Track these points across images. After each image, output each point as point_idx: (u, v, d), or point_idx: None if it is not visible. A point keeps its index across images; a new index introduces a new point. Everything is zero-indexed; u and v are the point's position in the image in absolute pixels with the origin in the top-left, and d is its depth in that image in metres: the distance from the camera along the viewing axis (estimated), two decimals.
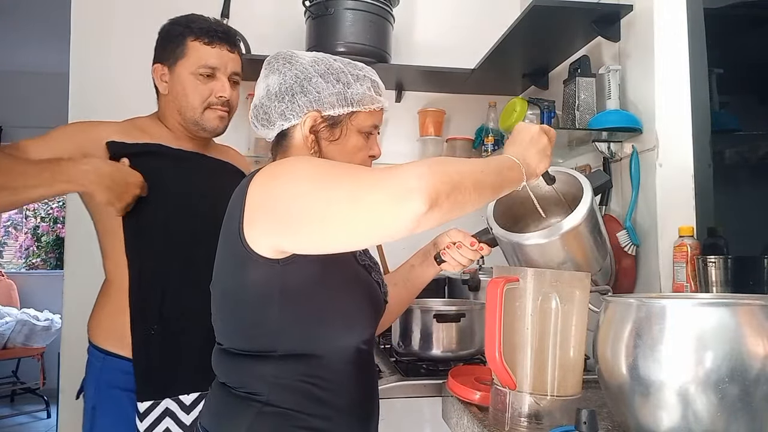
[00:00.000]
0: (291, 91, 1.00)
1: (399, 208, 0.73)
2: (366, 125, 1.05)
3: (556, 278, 0.93)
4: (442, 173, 0.75)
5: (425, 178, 0.73)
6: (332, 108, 1.01)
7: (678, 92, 1.50)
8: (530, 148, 0.96)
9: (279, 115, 1.02)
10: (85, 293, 1.34)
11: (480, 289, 1.69)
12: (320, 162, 0.88)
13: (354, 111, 1.03)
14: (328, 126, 1.02)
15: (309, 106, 1.00)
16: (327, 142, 1.02)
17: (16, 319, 4.35)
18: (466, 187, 0.78)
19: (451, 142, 2.31)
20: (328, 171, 0.83)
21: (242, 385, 0.92)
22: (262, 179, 0.88)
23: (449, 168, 0.78)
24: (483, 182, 0.83)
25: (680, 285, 1.33)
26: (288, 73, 1.02)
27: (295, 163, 0.86)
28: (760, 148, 1.91)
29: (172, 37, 1.32)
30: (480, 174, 0.83)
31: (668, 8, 1.52)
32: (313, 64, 1.02)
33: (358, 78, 1.03)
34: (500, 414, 0.94)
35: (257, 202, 0.86)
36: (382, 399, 1.34)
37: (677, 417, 0.73)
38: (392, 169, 0.76)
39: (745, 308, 0.74)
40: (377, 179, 0.76)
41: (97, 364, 1.27)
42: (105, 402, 1.25)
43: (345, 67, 1.03)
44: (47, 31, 3.96)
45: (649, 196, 1.50)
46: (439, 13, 2.43)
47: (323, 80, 1.01)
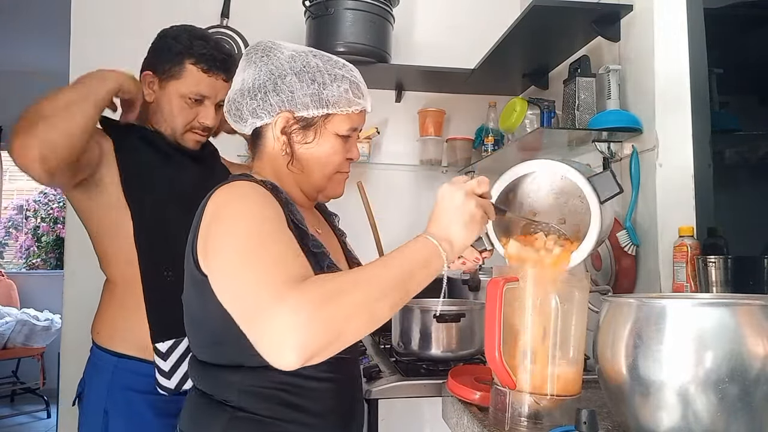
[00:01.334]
0: (264, 88, 0.96)
1: (273, 355, 0.71)
2: (342, 129, 0.99)
3: (556, 278, 0.93)
4: (324, 322, 0.70)
5: (301, 333, 0.69)
6: (306, 109, 0.96)
7: (678, 92, 1.50)
8: (453, 223, 0.86)
9: (250, 112, 0.98)
10: (85, 293, 1.35)
11: (480, 289, 1.69)
12: (251, 234, 0.82)
13: (329, 113, 0.97)
14: (301, 128, 0.97)
15: (281, 106, 0.96)
16: (300, 144, 0.98)
17: (16, 319, 4.35)
18: (357, 324, 0.74)
19: (451, 142, 2.31)
20: (251, 258, 0.79)
21: (214, 393, 0.91)
22: (211, 211, 0.88)
23: (338, 309, 0.72)
24: (386, 302, 0.77)
25: (680, 285, 1.33)
26: (263, 68, 0.97)
27: (235, 217, 0.84)
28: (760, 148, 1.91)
29: (171, 54, 1.30)
30: (383, 293, 0.77)
31: (668, 8, 1.52)
32: (290, 60, 0.97)
33: (335, 78, 0.97)
34: (500, 414, 0.94)
35: (204, 234, 0.87)
36: (382, 399, 1.35)
37: (677, 417, 0.73)
38: (279, 300, 0.71)
39: (745, 308, 0.74)
40: (270, 306, 0.72)
41: (108, 368, 1.25)
42: (119, 405, 1.23)
43: (324, 65, 0.98)
44: (47, 31, 3.95)
45: (649, 196, 1.50)
46: (440, 13, 2.43)
47: (297, 79, 0.96)
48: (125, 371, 1.24)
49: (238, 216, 0.85)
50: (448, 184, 0.89)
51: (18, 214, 5.56)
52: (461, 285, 1.76)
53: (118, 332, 1.26)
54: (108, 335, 1.27)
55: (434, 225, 0.87)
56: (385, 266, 0.81)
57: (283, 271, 0.77)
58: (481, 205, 0.88)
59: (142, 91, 1.31)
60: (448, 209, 0.87)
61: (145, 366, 1.23)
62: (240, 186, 0.91)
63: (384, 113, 2.38)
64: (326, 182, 1.03)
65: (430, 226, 0.88)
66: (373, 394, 1.34)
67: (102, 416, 1.23)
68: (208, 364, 0.92)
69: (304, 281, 0.75)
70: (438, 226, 0.87)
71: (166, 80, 1.31)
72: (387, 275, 0.79)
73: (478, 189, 0.88)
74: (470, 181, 0.89)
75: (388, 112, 2.39)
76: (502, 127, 1.98)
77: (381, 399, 1.35)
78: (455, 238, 0.86)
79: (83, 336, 1.31)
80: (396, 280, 0.79)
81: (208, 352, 0.92)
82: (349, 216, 1.48)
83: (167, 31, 1.35)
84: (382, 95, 2.37)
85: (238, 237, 0.82)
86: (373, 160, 2.29)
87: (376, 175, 2.35)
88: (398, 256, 0.83)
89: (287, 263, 0.79)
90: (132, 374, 1.24)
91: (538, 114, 1.85)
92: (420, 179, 2.40)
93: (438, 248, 0.84)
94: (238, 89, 1.00)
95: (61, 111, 1.13)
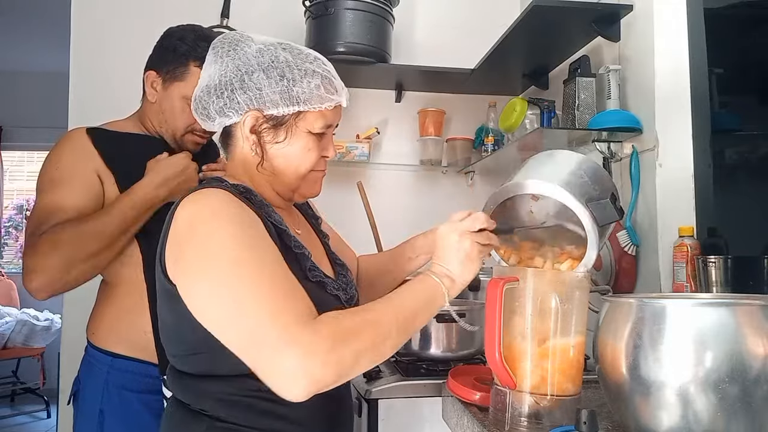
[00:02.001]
0: (230, 85, 0.91)
1: (283, 390, 0.74)
2: (316, 126, 0.94)
3: (556, 278, 0.93)
4: (335, 365, 0.74)
5: (313, 374, 0.73)
6: (275, 107, 0.91)
7: (678, 92, 1.50)
8: (452, 262, 0.91)
9: (218, 111, 0.93)
10: (85, 293, 1.34)
11: (480, 289, 1.69)
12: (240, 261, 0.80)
13: (301, 111, 0.92)
14: (271, 127, 0.93)
15: (249, 104, 0.91)
16: (270, 144, 0.93)
17: (16, 319, 4.35)
18: (364, 364, 0.79)
19: (451, 142, 2.31)
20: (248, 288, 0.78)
21: (191, 402, 0.89)
22: (183, 225, 0.84)
23: (349, 352, 0.76)
24: (392, 343, 0.81)
25: (680, 285, 1.33)
26: (230, 64, 0.92)
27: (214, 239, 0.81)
28: (760, 148, 1.91)
29: (176, 55, 1.29)
30: (389, 335, 0.81)
31: (668, 8, 1.52)
32: (257, 55, 0.92)
33: (306, 73, 0.92)
34: (500, 414, 0.94)
35: (174, 246, 0.85)
36: (382, 399, 1.35)
37: (677, 417, 0.73)
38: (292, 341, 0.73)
39: (745, 308, 0.74)
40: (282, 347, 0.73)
41: (103, 368, 1.25)
42: (115, 405, 1.23)
43: (294, 59, 0.93)
44: (47, 31, 3.95)
45: (649, 196, 1.50)
46: (439, 13, 2.43)
47: (265, 75, 0.91)
48: (120, 371, 1.24)
49: (217, 238, 0.81)
50: (444, 225, 0.95)
51: (18, 214, 5.56)
52: None
53: (113, 332, 1.26)
54: (103, 335, 1.27)
55: (436, 264, 0.93)
56: (392, 307, 0.84)
57: (292, 307, 0.77)
58: (476, 242, 0.92)
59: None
60: (446, 248, 0.92)
61: (141, 366, 1.23)
62: (211, 198, 0.86)
63: (384, 113, 2.38)
64: (300, 182, 0.98)
65: (432, 265, 0.93)
66: (373, 394, 1.34)
67: (97, 416, 1.23)
68: (185, 373, 0.89)
69: (314, 321, 0.77)
70: (439, 264, 0.92)
71: (169, 81, 1.30)
72: (394, 316, 0.83)
73: (472, 227, 0.92)
74: (465, 220, 0.93)
75: (388, 112, 2.39)
76: (502, 127, 1.98)
77: (381, 399, 1.35)
78: (455, 275, 0.91)
79: (83, 336, 1.31)
80: (402, 321, 0.84)
81: (183, 361, 0.90)
82: (349, 216, 1.49)
83: (173, 31, 1.33)
84: (382, 95, 2.37)
85: (224, 262, 0.79)
86: (373, 160, 2.29)
87: (376, 175, 2.35)
88: (405, 296, 0.87)
89: (293, 298, 0.79)
90: (127, 374, 1.23)
91: (538, 114, 1.85)
92: (420, 179, 2.40)
93: (441, 287, 0.90)
94: (204, 86, 0.95)
95: (86, 262, 1.16)
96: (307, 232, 1.09)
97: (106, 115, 1.39)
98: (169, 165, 1.24)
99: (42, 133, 4.84)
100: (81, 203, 1.19)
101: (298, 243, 0.93)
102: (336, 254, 1.11)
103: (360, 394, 1.37)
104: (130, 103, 1.42)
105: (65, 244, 1.13)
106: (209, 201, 0.86)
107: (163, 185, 1.22)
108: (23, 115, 4.91)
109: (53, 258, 1.12)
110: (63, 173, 1.22)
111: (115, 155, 1.26)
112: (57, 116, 2.49)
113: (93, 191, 1.22)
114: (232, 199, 0.86)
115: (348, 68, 2.08)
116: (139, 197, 1.20)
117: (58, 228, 1.14)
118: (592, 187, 0.94)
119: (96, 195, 1.22)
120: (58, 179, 1.21)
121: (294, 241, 0.92)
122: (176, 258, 0.84)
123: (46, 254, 1.12)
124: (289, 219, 1.01)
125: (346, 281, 1.04)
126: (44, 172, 1.23)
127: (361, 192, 1.64)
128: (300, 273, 0.89)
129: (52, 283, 1.14)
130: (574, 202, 0.91)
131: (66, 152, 1.25)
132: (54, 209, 1.17)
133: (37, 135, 4.95)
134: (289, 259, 0.87)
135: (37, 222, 1.16)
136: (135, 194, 1.20)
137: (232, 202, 0.86)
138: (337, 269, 1.07)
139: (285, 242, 0.91)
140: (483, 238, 0.93)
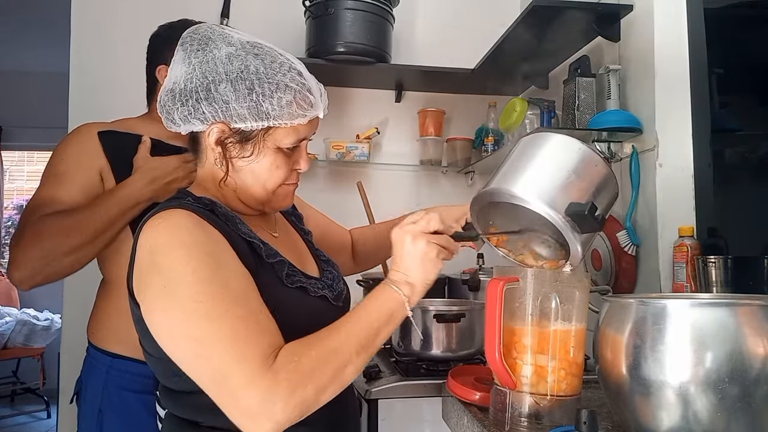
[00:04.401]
0: (195, 94, 0.86)
1: (245, 424, 0.73)
2: (286, 142, 0.89)
3: (556, 278, 0.93)
4: (297, 406, 0.73)
5: (274, 416, 0.72)
6: (243, 121, 0.86)
7: (678, 92, 1.50)
8: (410, 267, 0.86)
9: (182, 119, 0.88)
10: (85, 293, 1.34)
11: (480, 289, 1.69)
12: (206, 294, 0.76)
13: (270, 126, 0.87)
14: (237, 141, 0.87)
15: (215, 116, 0.86)
16: (237, 159, 0.88)
17: (16, 319, 4.35)
18: (327, 395, 0.77)
19: (451, 142, 2.31)
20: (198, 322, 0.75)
21: (185, 415, 0.87)
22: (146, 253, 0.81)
23: (310, 389, 0.74)
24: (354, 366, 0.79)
25: (680, 285, 1.33)
26: (197, 68, 0.87)
27: (167, 273, 0.78)
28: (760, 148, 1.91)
29: None
30: (351, 359, 0.79)
31: (668, 8, 1.52)
32: (226, 63, 0.86)
33: (278, 87, 0.86)
34: (500, 414, 0.94)
35: (138, 275, 0.82)
36: (382, 399, 1.35)
37: (677, 417, 0.73)
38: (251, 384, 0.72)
39: (745, 308, 0.74)
40: (241, 388, 0.72)
41: (102, 368, 1.25)
42: (113, 405, 1.24)
43: (265, 69, 0.86)
44: (47, 31, 3.95)
45: (649, 196, 1.50)
46: (439, 13, 2.43)
47: (232, 87, 0.85)
48: (120, 371, 1.24)
49: (176, 271, 0.78)
50: (396, 229, 0.89)
51: (18, 214, 5.56)
52: (461, 285, 1.76)
53: (113, 332, 1.26)
54: (103, 335, 1.28)
55: (394, 271, 0.88)
56: (353, 330, 0.81)
57: (253, 345, 0.75)
58: (434, 242, 0.86)
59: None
60: (402, 253, 0.87)
61: (140, 366, 1.22)
62: (171, 223, 0.82)
63: (384, 113, 2.38)
64: (270, 196, 0.93)
65: (390, 273, 0.88)
66: (373, 394, 1.34)
67: (97, 415, 1.24)
68: (174, 390, 0.87)
69: (275, 361, 0.75)
70: (397, 271, 0.87)
71: None
72: (356, 340, 0.80)
73: (426, 229, 0.87)
74: (419, 222, 0.87)
75: (388, 112, 2.39)
76: (502, 127, 1.98)
77: (381, 399, 1.35)
78: (415, 279, 0.86)
79: (83, 336, 1.32)
80: (364, 342, 0.81)
81: (170, 381, 0.87)
82: (349, 216, 1.48)
83: (176, 23, 1.33)
84: (382, 95, 2.37)
85: (184, 299, 0.76)
86: (373, 160, 2.29)
87: (376, 175, 2.35)
88: (364, 315, 0.83)
89: (256, 333, 0.76)
90: (126, 374, 1.24)
91: (538, 114, 1.85)
92: (420, 179, 2.40)
93: (401, 296, 0.85)
94: (168, 89, 0.89)
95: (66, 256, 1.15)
96: (286, 233, 1.05)
97: (106, 115, 1.39)
98: (158, 166, 1.23)
99: (42, 133, 4.85)
100: (77, 199, 1.20)
101: (272, 251, 0.90)
102: (321, 250, 1.08)
103: (360, 394, 1.37)
104: (130, 103, 1.42)
105: (47, 237, 1.13)
106: (169, 227, 0.81)
107: (149, 185, 1.21)
108: (23, 115, 4.91)
109: (34, 250, 1.13)
110: (66, 168, 1.23)
111: (121, 158, 1.26)
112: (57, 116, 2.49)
113: (92, 190, 1.22)
114: (193, 223, 0.82)
115: (348, 68, 2.08)
116: (125, 194, 1.19)
117: (43, 219, 1.15)
118: (578, 185, 0.88)
119: (95, 194, 1.22)
120: (60, 173, 1.22)
121: (267, 250, 0.89)
122: (139, 287, 0.83)
123: (27, 246, 1.14)
124: (263, 224, 0.98)
125: (332, 277, 1.02)
126: (49, 165, 1.24)
127: (361, 192, 1.64)
128: (276, 282, 0.88)
129: (33, 275, 1.14)
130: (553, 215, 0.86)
131: (73, 148, 1.26)
132: (48, 201, 1.18)
133: (37, 135, 4.96)
134: (263, 272, 0.86)
135: (29, 212, 1.18)
136: (120, 191, 1.20)
137: (192, 227, 0.81)
138: (322, 266, 1.04)
139: (257, 253, 0.87)
140: (441, 240, 0.88)
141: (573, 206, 0.85)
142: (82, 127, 1.30)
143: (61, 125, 1.91)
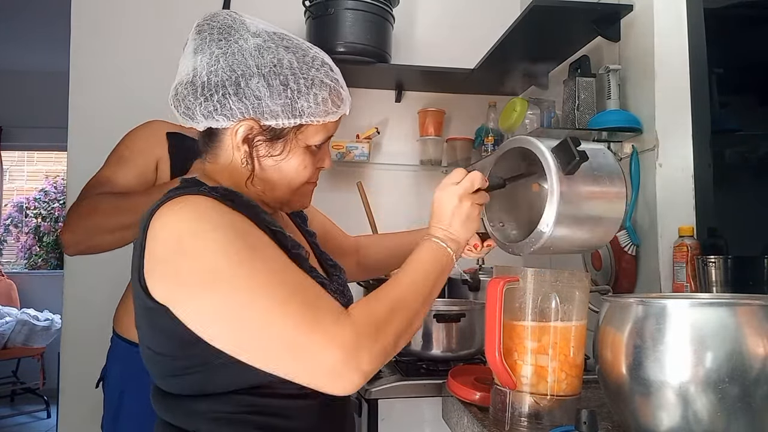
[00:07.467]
0: (222, 89, 0.80)
1: (336, 389, 0.73)
2: (316, 139, 0.87)
3: (556, 278, 0.93)
4: (380, 355, 0.74)
5: (363, 369, 0.72)
6: (275, 118, 0.82)
7: (678, 92, 1.50)
8: (455, 223, 0.88)
9: (204, 115, 0.82)
10: (85, 293, 1.35)
11: (480, 289, 1.69)
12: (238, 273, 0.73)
13: (303, 124, 0.84)
14: (267, 139, 0.84)
15: (244, 113, 0.81)
16: (265, 157, 0.85)
17: (16, 319, 4.35)
18: (402, 344, 0.79)
19: (451, 142, 2.31)
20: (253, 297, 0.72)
21: (182, 424, 0.82)
22: (169, 239, 0.75)
23: (388, 338, 0.76)
24: (420, 317, 0.82)
25: (680, 285, 1.33)
26: (222, 60, 0.81)
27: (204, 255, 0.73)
28: (760, 148, 1.90)
29: None
30: (417, 311, 0.81)
31: (668, 8, 1.52)
32: (256, 56, 0.82)
33: (313, 84, 0.83)
34: (500, 414, 0.94)
35: (160, 263, 0.76)
36: (382, 399, 1.35)
37: (677, 417, 0.73)
38: (334, 341, 0.71)
39: (745, 308, 0.74)
40: (325, 347, 0.71)
41: (124, 354, 1.33)
42: (133, 386, 1.29)
43: (299, 64, 0.83)
44: (47, 31, 3.95)
45: (649, 196, 1.50)
46: (440, 13, 2.43)
47: (266, 83, 0.80)
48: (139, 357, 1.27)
49: (215, 251, 0.73)
50: (441, 189, 0.90)
51: (18, 213, 5.56)
52: (461, 285, 1.76)
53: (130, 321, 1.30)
54: (127, 326, 1.34)
55: (438, 228, 0.89)
56: (413, 282, 0.83)
57: (324, 306, 0.75)
58: (475, 202, 0.90)
59: None
60: (448, 212, 0.89)
61: None
62: (194, 207, 0.77)
63: (384, 113, 2.38)
64: (291, 195, 0.91)
65: (434, 229, 0.90)
66: (373, 394, 1.34)
67: (118, 396, 1.34)
68: (171, 394, 0.83)
69: (350, 316, 0.75)
70: (441, 228, 0.89)
71: None
72: (417, 292, 0.82)
73: (470, 189, 0.90)
74: (462, 182, 0.89)
75: (388, 112, 2.39)
76: (502, 127, 1.98)
77: (381, 399, 1.35)
78: (460, 237, 0.89)
79: (83, 336, 1.33)
80: (424, 294, 0.83)
81: (169, 382, 0.83)
82: (349, 216, 1.49)
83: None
84: (382, 95, 2.37)
85: (230, 276, 0.72)
86: (373, 160, 2.29)
87: (376, 175, 2.35)
88: (419, 268, 0.85)
89: (318, 296, 0.76)
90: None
91: (538, 114, 1.85)
92: (420, 179, 2.40)
93: (448, 250, 0.88)
94: (188, 82, 0.82)
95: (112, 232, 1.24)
96: (293, 232, 1.03)
97: (106, 115, 1.39)
98: None
99: (42, 133, 4.86)
100: (131, 183, 1.31)
101: (295, 243, 0.87)
102: (326, 254, 1.06)
103: (360, 394, 1.37)
104: (130, 103, 1.42)
105: (101, 212, 1.24)
106: (194, 212, 0.77)
107: None
108: (23, 115, 4.92)
109: (87, 221, 1.24)
110: (130, 154, 1.34)
111: (181, 154, 1.33)
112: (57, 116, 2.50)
113: (146, 175, 1.33)
114: (217, 205, 0.78)
115: (348, 68, 2.07)
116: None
117: (101, 196, 1.26)
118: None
119: (148, 180, 1.33)
120: (123, 158, 1.33)
121: (291, 242, 0.86)
122: (165, 275, 0.76)
123: (83, 215, 1.24)
124: (277, 219, 0.95)
125: (340, 282, 1.00)
126: (116, 149, 1.36)
127: (361, 192, 1.65)
128: None
129: (77, 243, 1.25)
130: (537, 144, 0.90)
131: (140, 137, 1.37)
132: (105, 182, 1.30)
133: (37, 135, 4.96)
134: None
135: (89, 187, 1.30)
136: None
137: (217, 207, 0.78)
138: (330, 270, 1.02)
139: (282, 243, 0.84)
140: (479, 197, 0.91)
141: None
142: (153, 121, 1.39)
143: (61, 125, 1.91)
